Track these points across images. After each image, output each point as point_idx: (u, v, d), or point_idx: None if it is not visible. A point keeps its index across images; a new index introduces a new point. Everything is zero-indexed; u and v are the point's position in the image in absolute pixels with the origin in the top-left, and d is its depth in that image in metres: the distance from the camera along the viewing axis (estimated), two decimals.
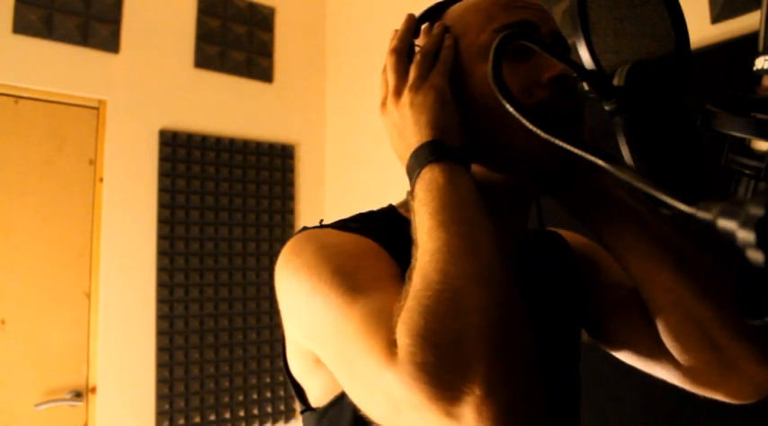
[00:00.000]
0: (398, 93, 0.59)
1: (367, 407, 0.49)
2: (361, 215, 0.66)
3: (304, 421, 0.66)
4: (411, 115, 0.57)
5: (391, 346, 0.43)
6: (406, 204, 0.67)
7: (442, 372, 0.41)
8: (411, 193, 0.54)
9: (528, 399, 0.43)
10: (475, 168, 0.61)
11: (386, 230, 0.59)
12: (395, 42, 0.62)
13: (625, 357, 0.71)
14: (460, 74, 0.60)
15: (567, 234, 0.80)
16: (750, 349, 0.57)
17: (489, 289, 0.44)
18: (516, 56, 0.58)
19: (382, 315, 0.46)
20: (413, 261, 0.49)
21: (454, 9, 0.65)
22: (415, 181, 0.53)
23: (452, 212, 0.49)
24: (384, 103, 0.61)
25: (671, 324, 0.60)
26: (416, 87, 0.58)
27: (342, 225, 0.62)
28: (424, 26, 0.66)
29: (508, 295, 0.45)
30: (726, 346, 0.58)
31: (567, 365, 0.71)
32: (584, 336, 0.76)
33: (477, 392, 0.40)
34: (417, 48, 0.62)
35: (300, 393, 0.65)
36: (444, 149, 0.53)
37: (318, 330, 0.53)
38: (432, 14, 0.66)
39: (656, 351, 0.65)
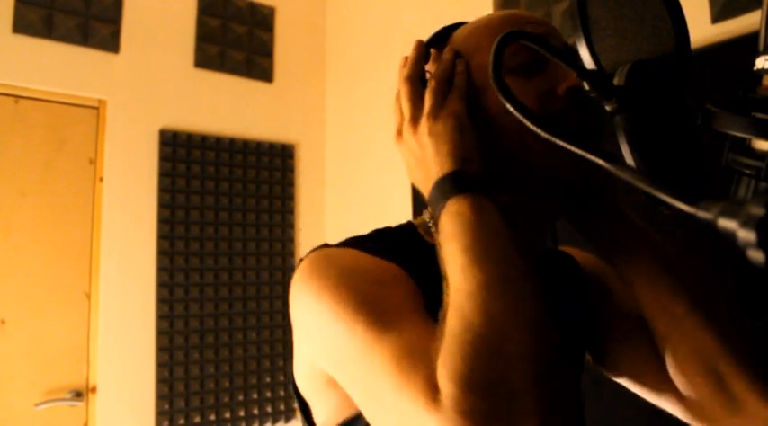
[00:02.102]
0: (415, 121, 0.58)
1: None
2: (379, 232, 0.64)
3: None
4: (431, 144, 0.55)
5: (432, 390, 0.42)
6: (425, 224, 0.65)
7: (491, 420, 0.40)
8: (435, 225, 0.53)
9: None
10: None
11: (408, 253, 0.58)
12: (407, 70, 0.60)
13: (628, 384, 0.70)
14: (474, 96, 0.59)
15: (579, 254, 0.78)
16: (757, 386, 0.57)
17: (533, 333, 0.44)
18: (527, 70, 0.57)
19: (417, 354, 0.45)
20: (445, 298, 0.48)
21: (461, 32, 0.64)
22: (439, 214, 0.52)
23: (486, 249, 0.48)
24: (400, 132, 0.59)
25: (678, 357, 0.60)
26: (434, 115, 0.56)
27: (363, 245, 0.60)
28: (433, 51, 0.64)
29: (548, 335, 0.45)
30: (733, 382, 0.57)
31: (573, 387, 0.69)
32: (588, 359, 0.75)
33: None
34: (428, 74, 0.61)
35: (305, 411, 0.63)
36: (468, 180, 0.52)
37: (340, 357, 0.52)
38: (439, 39, 0.65)
39: (661, 383, 0.64)
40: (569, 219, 0.66)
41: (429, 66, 0.63)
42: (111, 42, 2.14)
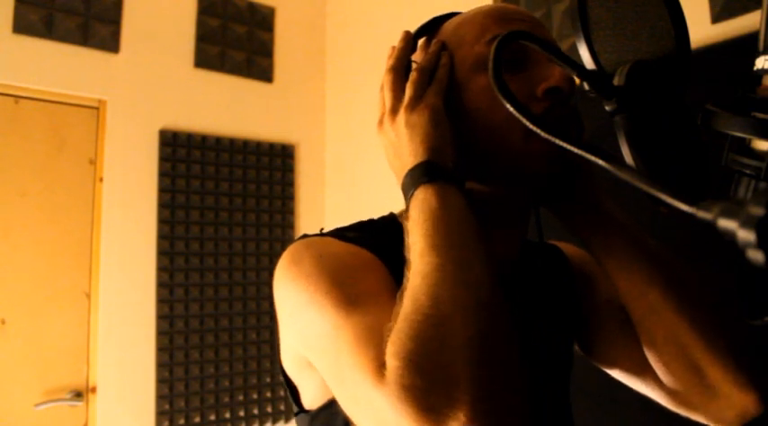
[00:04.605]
0: (395, 111, 0.59)
1: (355, 419, 0.49)
2: (361, 223, 0.66)
3: (298, 424, 0.66)
4: (406, 134, 0.57)
5: (380, 366, 0.44)
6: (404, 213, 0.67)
7: (428, 396, 0.41)
8: (405, 212, 0.54)
9: (511, 424, 0.44)
10: (471, 185, 0.61)
11: (385, 241, 0.59)
12: (392, 60, 0.62)
13: (613, 372, 0.72)
14: (456, 88, 0.60)
15: (566, 247, 0.80)
16: (733, 374, 0.57)
17: (477, 318, 0.45)
18: (510, 68, 0.58)
19: (373, 333, 0.47)
20: (404, 281, 0.49)
21: (449, 24, 0.65)
22: (409, 201, 0.54)
23: (445, 235, 0.49)
24: (381, 122, 0.61)
25: (655, 345, 0.61)
26: (412, 106, 0.58)
27: (341, 234, 0.62)
28: (420, 41, 0.65)
29: (497, 322, 0.46)
30: (708, 370, 0.58)
31: (558, 378, 0.71)
32: (576, 349, 0.76)
33: (462, 417, 0.41)
34: (414, 65, 0.61)
35: (294, 394, 0.65)
36: (437, 170, 0.53)
37: (313, 339, 0.53)
38: (428, 29, 0.66)
39: (642, 370, 0.65)
40: (550, 209, 0.67)
41: (416, 56, 0.64)
42: (111, 42, 2.14)
